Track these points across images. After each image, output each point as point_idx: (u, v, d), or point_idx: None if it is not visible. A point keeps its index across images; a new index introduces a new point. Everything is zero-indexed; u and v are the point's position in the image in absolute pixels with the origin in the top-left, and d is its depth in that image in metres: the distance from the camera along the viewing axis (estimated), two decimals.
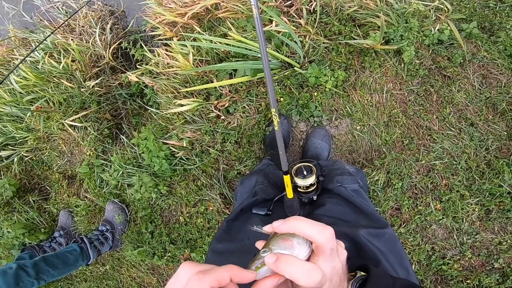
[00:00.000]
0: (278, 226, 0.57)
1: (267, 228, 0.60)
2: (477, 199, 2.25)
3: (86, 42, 2.89)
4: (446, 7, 2.17)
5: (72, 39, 2.88)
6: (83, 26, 3.02)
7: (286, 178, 1.24)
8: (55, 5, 3.27)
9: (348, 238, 0.99)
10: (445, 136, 2.36)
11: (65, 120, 2.63)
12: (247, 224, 1.20)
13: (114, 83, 2.85)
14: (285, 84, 2.32)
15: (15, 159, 2.91)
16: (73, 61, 2.81)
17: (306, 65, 2.26)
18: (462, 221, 2.27)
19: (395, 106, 2.38)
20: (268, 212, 1.24)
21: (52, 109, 2.69)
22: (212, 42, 2.23)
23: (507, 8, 2.67)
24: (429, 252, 2.31)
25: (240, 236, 1.17)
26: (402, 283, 0.70)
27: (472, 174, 2.30)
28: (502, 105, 2.31)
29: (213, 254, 1.14)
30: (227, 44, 2.21)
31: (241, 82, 2.37)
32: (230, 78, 2.37)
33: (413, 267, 2.33)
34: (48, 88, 2.67)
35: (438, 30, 2.25)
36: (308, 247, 0.56)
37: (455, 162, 2.32)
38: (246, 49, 2.22)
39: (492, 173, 2.26)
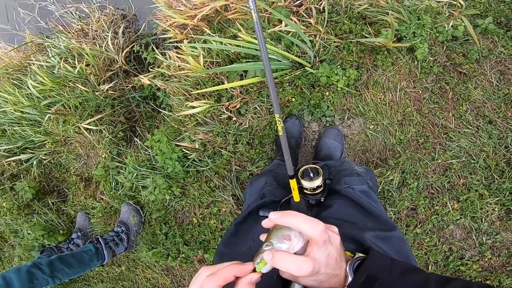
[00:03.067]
0: (275, 218, 0.64)
1: (264, 224, 0.68)
2: (497, 198, 2.19)
3: (99, 46, 2.95)
4: (459, 3, 2.12)
5: (85, 44, 2.95)
6: (96, 31, 3.08)
7: (292, 183, 1.23)
8: (68, 10, 3.34)
9: (353, 241, 0.98)
10: (462, 134, 2.30)
11: (81, 123, 2.68)
12: (254, 227, 1.20)
13: (127, 86, 2.90)
14: (296, 84, 2.31)
15: (34, 162, 2.98)
16: (87, 65, 2.87)
17: (317, 64, 2.25)
18: (481, 221, 2.20)
19: (409, 105, 2.33)
20: None
21: (69, 112, 2.75)
22: (222, 44, 2.24)
23: None
24: (446, 253, 2.25)
25: (246, 238, 1.17)
26: (401, 265, 0.70)
27: (491, 173, 2.23)
28: None
29: (219, 258, 1.15)
30: (237, 46, 2.21)
31: (252, 83, 2.37)
32: (241, 79, 2.37)
33: (430, 268, 2.28)
34: (64, 92, 2.75)
35: (452, 26, 2.20)
36: (303, 238, 0.64)
37: (473, 161, 2.26)
38: (256, 50, 2.22)
39: None
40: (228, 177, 2.49)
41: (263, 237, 0.68)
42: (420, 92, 2.31)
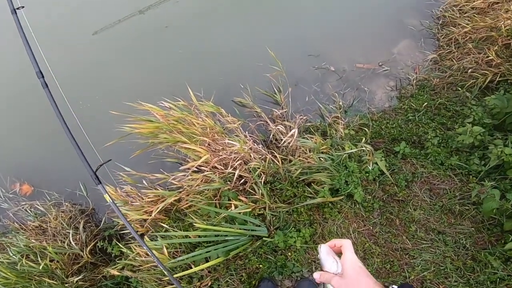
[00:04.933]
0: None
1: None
2: None
3: (61, 242, 2.93)
4: (368, 149, 2.45)
5: (46, 241, 2.91)
6: (55, 228, 3.06)
7: None
8: (22, 208, 3.34)
9: None
10: (421, 250, 2.49)
11: None
12: None
13: (97, 276, 2.85)
14: (259, 253, 2.43)
15: None
16: (51, 260, 2.82)
17: (273, 232, 2.40)
18: None
19: (366, 241, 2.52)
20: None
21: None
22: (183, 237, 2.34)
23: (423, 116, 3.06)
24: None
25: None
26: None
27: (463, 272, 2.39)
28: (457, 207, 2.51)
29: None
30: (198, 236, 2.32)
31: (218, 263, 2.44)
32: (206, 261, 2.45)
33: None
34: (31, 285, 2.65)
35: (374, 164, 2.51)
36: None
37: (442, 267, 2.41)
38: (215, 235, 2.34)
39: (481, 265, 2.34)
40: None
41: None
42: (371, 227, 2.52)
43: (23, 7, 1.85)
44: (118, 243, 2.77)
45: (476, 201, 2.42)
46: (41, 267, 2.74)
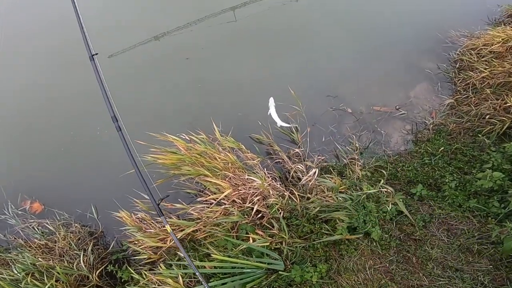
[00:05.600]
0: None
1: None
2: None
3: (67, 263, 2.97)
4: (388, 189, 2.51)
5: (52, 260, 2.95)
6: (62, 248, 3.12)
7: None
8: (30, 225, 3.41)
9: None
10: (438, 286, 2.45)
11: None
12: None
13: None
14: (274, 287, 2.44)
15: None
16: (57, 281, 2.82)
17: (289, 266, 2.43)
18: None
19: (382, 277, 2.50)
20: None
21: None
22: (198, 268, 2.39)
23: (439, 160, 3.10)
24: None
25: None
26: None
27: None
28: (475, 247, 2.50)
29: None
30: (214, 267, 2.37)
31: None
32: None
33: None
34: None
35: (392, 204, 2.55)
36: None
37: None
38: (231, 267, 2.38)
39: None
40: None
41: None
42: (387, 265, 2.52)
43: (96, 54, 2.13)
44: (129, 268, 2.82)
45: (496, 240, 2.41)
46: (47, 287, 2.75)
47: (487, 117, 3.41)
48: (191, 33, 4.82)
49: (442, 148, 3.28)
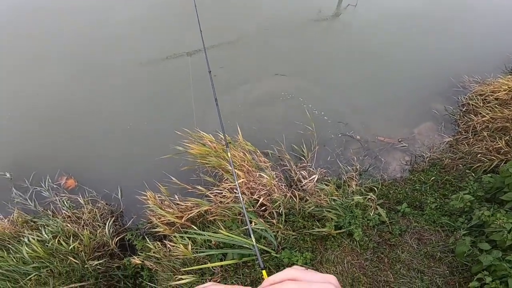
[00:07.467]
0: None
1: None
2: None
3: (94, 231, 3.52)
4: (373, 197, 3.02)
5: (78, 228, 3.49)
6: (87, 219, 3.71)
7: None
8: (61, 199, 3.92)
9: None
10: (401, 283, 2.84)
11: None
12: None
13: (112, 265, 3.42)
14: (265, 265, 2.97)
15: None
16: (79, 243, 3.31)
17: (280, 251, 2.95)
18: None
19: (356, 271, 2.95)
20: None
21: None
22: (206, 236, 2.96)
23: (428, 187, 3.56)
24: None
25: None
26: None
27: None
28: (438, 254, 2.89)
29: None
30: (219, 238, 2.94)
31: (229, 264, 3.00)
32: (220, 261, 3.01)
33: None
34: (54, 262, 3.15)
35: (377, 214, 3.05)
36: None
37: None
38: (233, 244, 2.94)
39: None
40: None
41: None
42: (363, 261, 2.97)
43: (210, 71, 2.92)
44: (146, 238, 3.37)
45: (454, 248, 2.82)
46: (70, 247, 3.26)
47: (478, 155, 3.80)
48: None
49: (434, 178, 3.70)
